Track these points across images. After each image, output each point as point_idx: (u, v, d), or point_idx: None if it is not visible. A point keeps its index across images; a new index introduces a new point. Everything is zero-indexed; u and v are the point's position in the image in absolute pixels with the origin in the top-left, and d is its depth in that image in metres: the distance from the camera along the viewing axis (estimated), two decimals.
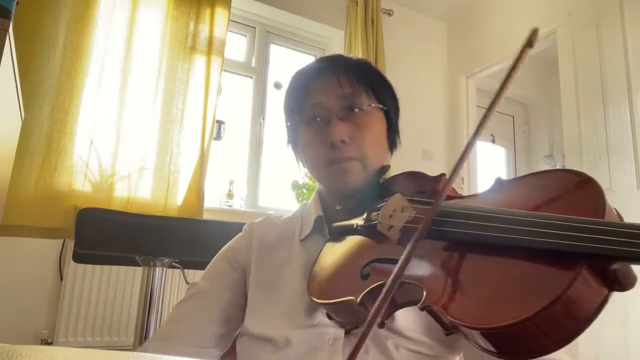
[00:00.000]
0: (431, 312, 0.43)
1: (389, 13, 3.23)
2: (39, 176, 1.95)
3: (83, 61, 2.10)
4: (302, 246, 0.73)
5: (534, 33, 0.42)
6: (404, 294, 0.47)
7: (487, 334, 0.37)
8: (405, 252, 0.37)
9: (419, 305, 0.43)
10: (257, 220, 0.81)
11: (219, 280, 0.74)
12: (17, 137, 1.52)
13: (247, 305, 0.70)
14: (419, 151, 3.23)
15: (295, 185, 2.65)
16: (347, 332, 0.61)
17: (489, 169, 3.98)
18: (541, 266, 0.38)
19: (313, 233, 0.74)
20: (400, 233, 0.54)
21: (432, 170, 0.65)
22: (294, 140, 0.76)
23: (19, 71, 1.15)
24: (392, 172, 0.72)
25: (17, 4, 0.96)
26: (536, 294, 0.36)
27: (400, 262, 0.37)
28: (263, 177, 2.83)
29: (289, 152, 0.80)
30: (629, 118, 2.22)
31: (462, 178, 3.29)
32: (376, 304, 0.34)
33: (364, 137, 0.68)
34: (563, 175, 0.47)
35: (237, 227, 0.81)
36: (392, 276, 0.36)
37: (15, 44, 1.00)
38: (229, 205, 2.59)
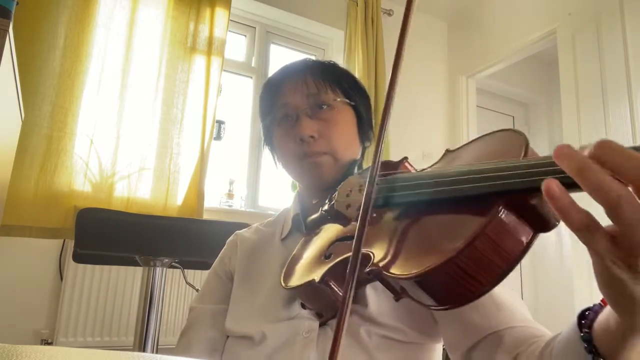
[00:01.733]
0: (379, 277, 0.44)
1: (389, 13, 3.22)
2: (39, 176, 1.95)
3: (83, 61, 2.10)
4: (282, 245, 0.77)
5: None
6: (364, 264, 0.50)
7: (420, 281, 0.38)
8: (358, 224, 0.39)
9: (366, 269, 0.44)
10: (241, 230, 0.85)
11: (214, 296, 0.77)
12: (17, 137, 1.52)
13: (229, 307, 0.73)
14: (418, 151, 3.23)
15: (295, 185, 2.65)
16: (322, 324, 0.63)
17: None
18: (462, 213, 0.40)
19: (292, 231, 0.77)
20: (358, 211, 0.55)
21: None
22: (270, 140, 0.80)
23: (19, 71, 1.14)
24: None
25: (17, 4, 0.96)
26: (458, 236, 0.37)
27: (355, 236, 0.38)
28: (263, 177, 2.83)
29: None
30: (629, 118, 2.22)
31: None
32: (348, 269, 0.35)
33: (333, 132, 0.71)
34: (498, 134, 0.49)
35: (237, 227, 0.82)
36: (354, 244, 0.37)
37: (15, 44, 1.00)
38: (229, 205, 2.59)
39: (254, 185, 2.78)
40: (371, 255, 0.45)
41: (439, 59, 3.54)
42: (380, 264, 0.43)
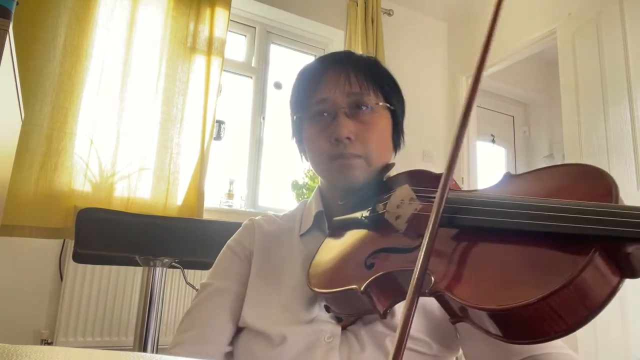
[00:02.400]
0: (440, 298, 0.42)
1: (389, 13, 3.22)
2: (39, 176, 1.95)
3: (83, 61, 2.10)
4: (301, 241, 0.73)
5: None
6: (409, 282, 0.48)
7: (496, 315, 0.37)
8: (426, 237, 0.37)
9: (427, 290, 0.42)
10: (257, 217, 0.81)
11: (231, 274, 0.73)
12: (17, 137, 1.52)
13: (246, 296, 0.69)
14: (419, 151, 3.23)
15: (295, 185, 2.66)
16: (343, 328, 0.61)
17: (489, 169, 3.98)
18: (553, 250, 0.38)
19: (312, 228, 0.74)
20: (407, 223, 0.54)
21: (432, 171, 0.65)
22: (299, 134, 0.76)
23: (19, 71, 1.14)
24: (393, 172, 0.72)
25: (17, 4, 0.96)
26: (548, 277, 0.35)
27: (424, 248, 0.36)
28: (263, 177, 2.83)
29: (289, 152, 0.80)
30: (629, 118, 2.22)
31: (462, 178, 3.29)
32: (409, 293, 0.34)
33: (370, 136, 0.68)
34: (575, 168, 0.47)
35: (237, 227, 0.81)
36: (419, 260, 0.35)
37: (15, 44, 1.00)
38: (229, 205, 2.59)
39: (254, 185, 2.78)
40: (431, 276, 0.43)
41: (439, 59, 3.54)
42: (446, 287, 0.41)
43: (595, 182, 0.43)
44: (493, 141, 4.11)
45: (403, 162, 0.79)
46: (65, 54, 2.05)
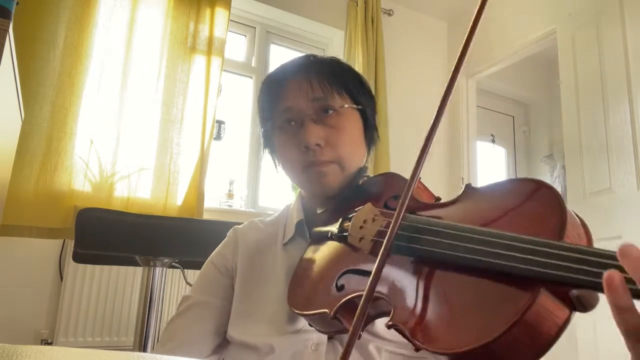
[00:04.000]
0: (399, 331, 0.43)
1: (389, 13, 3.22)
2: (39, 176, 1.95)
3: (83, 61, 2.10)
4: (284, 251, 0.73)
5: None
6: (375, 307, 0.48)
7: (451, 357, 0.38)
8: (373, 272, 0.38)
9: (386, 323, 0.44)
10: (240, 226, 0.81)
11: (210, 289, 0.73)
12: (17, 137, 1.52)
13: (232, 312, 0.69)
14: (418, 151, 3.23)
15: (295, 186, 2.65)
16: (330, 338, 0.61)
17: (488, 169, 3.98)
18: (502, 287, 0.39)
19: (295, 237, 0.74)
20: (372, 243, 0.54)
21: (432, 171, 0.65)
22: (270, 145, 0.76)
23: (19, 71, 1.14)
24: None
25: (17, 4, 0.96)
26: (495, 318, 0.36)
27: (368, 284, 0.37)
28: (263, 177, 2.83)
29: None
30: (629, 118, 2.21)
31: (462, 178, 3.29)
32: (353, 324, 0.35)
33: (340, 139, 0.68)
34: (525, 185, 0.47)
35: None
36: (363, 298, 0.37)
37: (15, 44, 1.00)
38: (229, 205, 2.59)
39: (254, 185, 2.78)
40: (390, 305, 0.45)
41: (439, 59, 3.54)
42: (406, 325, 0.42)
43: (546, 205, 0.43)
44: (493, 141, 4.11)
45: (402, 162, 0.79)
46: (65, 54, 2.05)
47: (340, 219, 0.61)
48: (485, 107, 3.94)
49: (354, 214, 0.58)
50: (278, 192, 2.82)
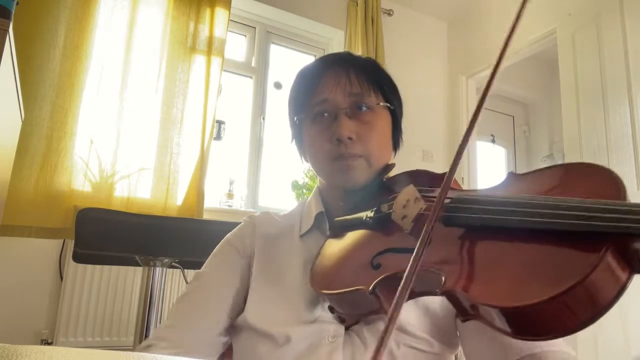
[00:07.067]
0: (451, 297, 0.42)
1: (389, 13, 3.22)
2: (39, 176, 1.95)
3: (83, 61, 2.10)
4: (301, 242, 0.73)
5: None
6: (421, 283, 0.47)
7: (507, 312, 0.37)
8: (422, 235, 0.36)
9: (438, 289, 0.42)
10: (256, 214, 0.80)
11: (227, 267, 0.72)
12: (17, 137, 1.52)
13: (249, 296, 0.69)
14: (419, 151, 3.23)
15: (295, 185, 2.65)
16: (347, 328, 0.61)
17: (488, 169, 3.98)
18: (564, 248, 0.38)
19: (313, 229, 0.74)
20: (413, 223, 0.54)
21: (432, 171, 0.65)
22: (299, 135, 0.76)
23: (19, 71, 1.15)
24: (393, 172, 0.72)
25: (17, 4, 0.96)
26: (561, 275, 0.35)
27: (417, 247, 0.35)
28: (263, 177, 2.83)
29: (289, 152, 0.79)
30: (629, 118, 2.22)
31: (462, 178, 3.29)
32: (397, 294, 0.33)
33: (371, 136, 0.68)
34: (580, 166, 0.47)
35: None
36: (410, 261, 0.34)
37: (15, 44, 1.00)
38: (229, 205, 2.59)
39: (254, 185, 2.78)
40: (441, 275, 0.43)
41: (439, 59, 3.54)
42: (459, 286, 0.41)
43: (603, 180, 0.43)
44: (493, 141, 4.11)
45: (402, 162, 0.79)
46: (65, 53, 2.05)
47: (376, 205, 0.61)
48: (485, 107, 3.94)
49: (394, 195, 0.59)
50: (278, 192, 2.83)
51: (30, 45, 1.96)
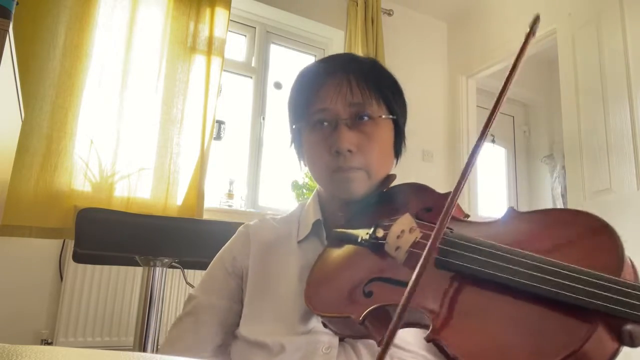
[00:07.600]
0: (437, 345, 0.42)
1: (389, 13, 3.22)
2: (39, 176, 1.95)
3: (83, 61, 2.10)
4: (299, 248, 0.72)
5: (536, 20, 0.43)
6: (410, 317, 0.47)
7: None
8: (411, 282, 0.36)
9: (425, 336, 0.42)
10: (252, 222, 0.79)
11: (216, 290, 0.73)
12: (17, 137, 1.52)
13: (243, 309, 0.69)
14: (418, 151, 3.23)
15: (295, 186, 2.65)
16: (341, 340, 0.60)
17: (488, 169, 3.98)
18: (557, 317, 0.38)
19: (310, 236, 0.73)
20: (407, 254, 0.53)
21: (432, 171, 0.65)
22: (298, 141, 0.74)
23: (19, 71, 1.15)
24: (397, 181, 0.72)
25: (17, 4, 0.96)
26: (549, 348, 0.35)
27: (406, 293, 0.35)
28: (263, 177, 2.83)
29: (289, 152, 0.79)
30: (629, 118, 2.21)
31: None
32: (386, 334, 0.33)
33: (371, 147, 0.67)
34: (580, 218, 0.46)
35: (237, 227, 0.81)
36: (399, 307, 0.34)
37: (15, 44, 1.00)
38: (229, 205, 2.59)
39: (254, 185, 2.78)
40: (426, 318, 0.43)
41: (439, 59, 3.54)
42: (446, 338, 0.41)
43: (606, 246, 0.41)
44: (493, 141, 4.11)
45: (402, 162, 0.79)
46: (65, 53, 2.05)
47: (373, 227, 0.59)
48: (485, 107, 3.94)
49: (391, 222, 0.57)
50: (278, 192, 2.82)
51: (30, 45, 1.96)
